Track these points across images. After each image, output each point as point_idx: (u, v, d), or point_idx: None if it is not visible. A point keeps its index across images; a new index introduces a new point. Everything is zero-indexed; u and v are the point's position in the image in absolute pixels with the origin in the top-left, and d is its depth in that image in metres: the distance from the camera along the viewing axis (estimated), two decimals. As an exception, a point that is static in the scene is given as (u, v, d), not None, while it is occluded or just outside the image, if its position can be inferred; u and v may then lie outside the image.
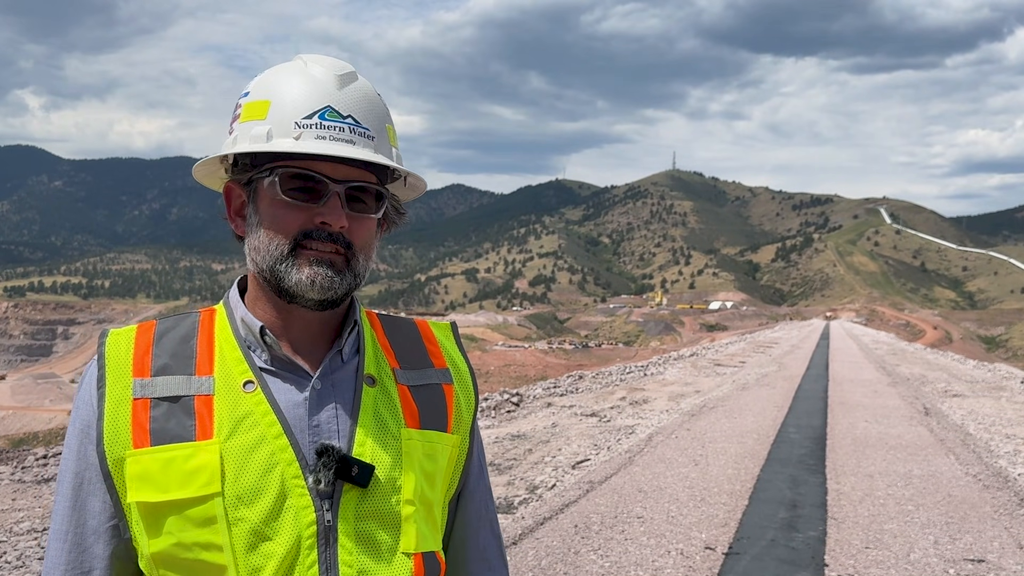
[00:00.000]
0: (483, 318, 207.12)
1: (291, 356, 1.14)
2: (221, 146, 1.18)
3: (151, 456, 1.07)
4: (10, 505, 6.74)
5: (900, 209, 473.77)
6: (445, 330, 1.32)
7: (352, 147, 1.10)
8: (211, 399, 1.09)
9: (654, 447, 9.39)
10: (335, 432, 1.11)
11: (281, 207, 1.10)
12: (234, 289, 1.21)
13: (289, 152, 1.09)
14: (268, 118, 1.11)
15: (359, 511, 1.09)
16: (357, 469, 1.08)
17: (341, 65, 1.16)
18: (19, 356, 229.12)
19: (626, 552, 5.50)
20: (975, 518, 6.53)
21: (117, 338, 1.15)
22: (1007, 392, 16.64)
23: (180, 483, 1.05)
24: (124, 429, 1.08)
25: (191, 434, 1.07)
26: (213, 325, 1.17)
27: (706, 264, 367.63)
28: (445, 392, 1.23)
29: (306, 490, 1.07)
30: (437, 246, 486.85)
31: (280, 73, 1.15)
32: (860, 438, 10.43)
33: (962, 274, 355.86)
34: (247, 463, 1.06)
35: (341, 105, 1.12)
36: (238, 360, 1.13)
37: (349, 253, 1.12)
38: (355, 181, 1.12)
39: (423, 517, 1.15)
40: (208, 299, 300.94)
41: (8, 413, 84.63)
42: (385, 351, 1.23)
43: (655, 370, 21.58)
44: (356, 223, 1.12)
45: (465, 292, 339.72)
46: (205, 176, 1.24)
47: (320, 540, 1.07)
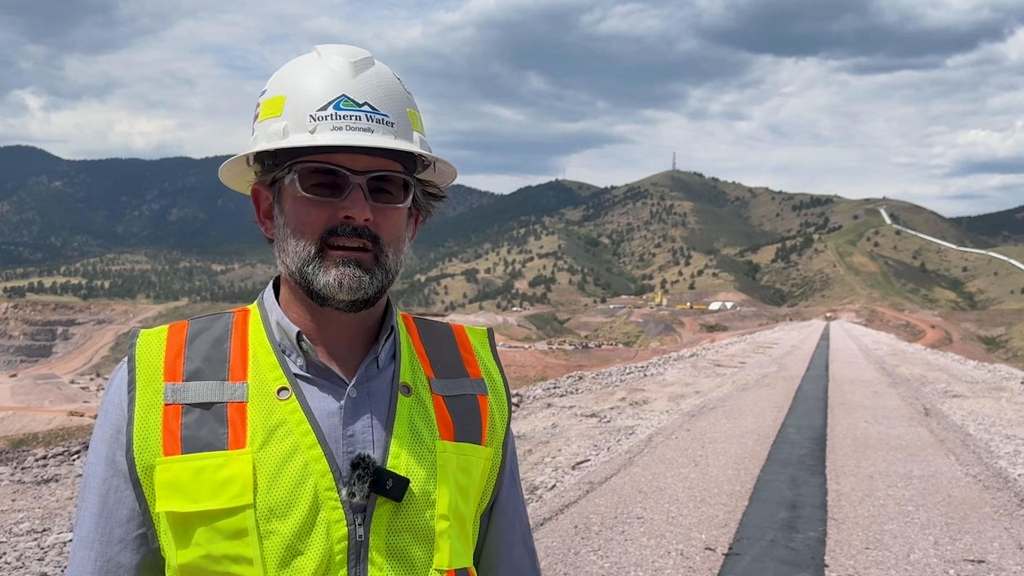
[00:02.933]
0: (483, 319, 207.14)
1: (326, 362, 1.10)
2: (244, 148, 1.14)
3: (182, 464, 1.03)
4: (10, 506, 6.74)
5: (900, 209, 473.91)
6: (481, 337, 1.28)
7: (370, 135, 1.05)
8: (244, 406, 1.06)
9: (654, 448, 9.39)
10: (370, 443, 1.07)
11: (304, 205, 1.06)
12: (269, 290, 1.16)
13: (306, 147, 1.05)
14: (283, 114, 1.07)
15: (392, 526, 1.06)
16: (392, 482, 1.04)
17: (356, 52, 1.11)
18: (19, 356, 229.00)
19: (626, 553, 5.50)
20: (975, 519, 6.52)
21: (148, 339, 1.11)
22: (1007, 393, 16.63)
23: (211, 493, 1.02)
24: (154, 435, 1.05)
25: (223, 443, 1.04)
26: (247, 327, 1.13)
27: (706, 264, 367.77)
28: (480, 403, 1.19)
29: (339, 503, 1.03)
30: (437, 246, 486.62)
31: (295, 66, 1.11)
32: (860, 439, 10.43)
33: (962, 274, 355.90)
34: (280, 474, 1.03)
35: (356, 93, 1.07)
36: (273, 365, 1.09)
37: (377, 248, 1.07)
38: (377, 171, 1.06)
39: (457, 533, 1.12)
40: (208, 300, 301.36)
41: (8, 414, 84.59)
42: (421, 358, 1.18)
43: (655, 371, 21.57)
44: (382, 215, 1.07)
45: (465, 292, 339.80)
46: (232, 179, 1.19)
47: (351, 555, 1.03)
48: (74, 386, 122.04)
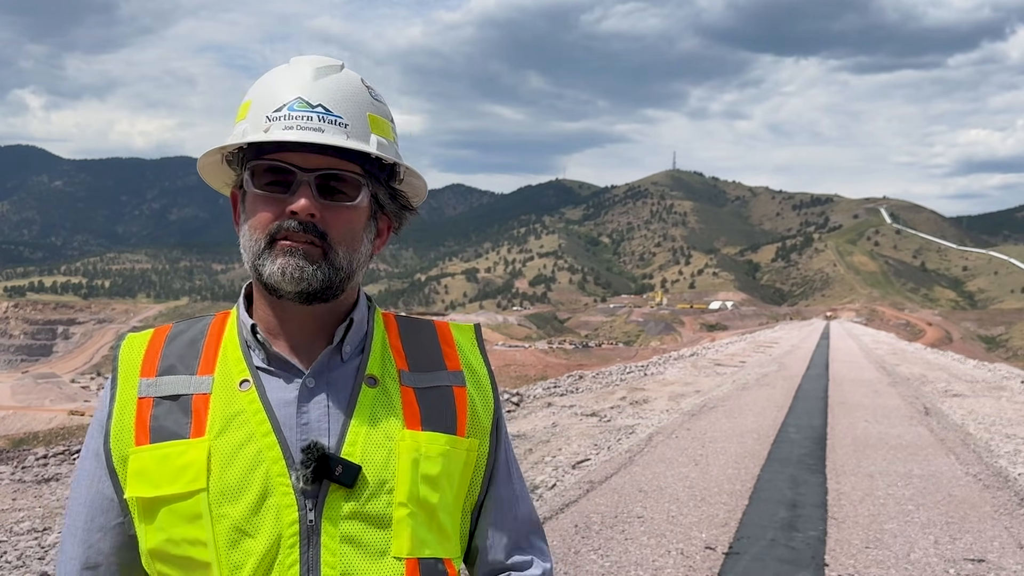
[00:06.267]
0: (483, 318, 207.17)
1: (285, 354, 1.14)
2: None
3: (149, 453, 1.09)
4: (10, 505, 6.74)
5: (900, 209, 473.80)
6: (467, 332, 1.30)
7: (319, 134, 1.08)
8: (208, 398, 1.11)
9: (654, 447, 9.39)
10: (325, 431, 1.10)
11: (258, 201, 1.11)
12: (242, 291, 1.22)
13: (259, 145, 1.09)
14: (248, 117, 1.13)
15: (345, 511, 1.08)
16: (341, 468, 1.07)
17: (325, 60, 1.15)
18: (19, 356, 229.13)
19: (626, 552, 5.50)
20: (975, 518, 6.53)
21: (132, 341, 1.19)
22: (1007, 392, 16.63)
23: (171, 479, 1.08)
24: (128, 427, 1.12)
25: (186, 431, 1.09)
26: (224, 327, 1.20)
27: (706, 264, 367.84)
28: (455, 394, 1.21)
29: (290, 488, 1.07)
30: (437, 246, 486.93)
31: (269, 74, 1.16)
32: (860, 438, 10.43)
33: (962, 274, 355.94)
34: (233, 460, 1.07)
35: (312, 95, 1.10)
36: (238, 359, 1.14)
37: (325, 245, 1.10)
38: (326, 168, 1.10)
39: (421, 521, 1.12)
40: (208, 299, 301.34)
41: (8, 413, 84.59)
42: (395, 352, 1.21)
43: (655, 370, 21.58)
44: (331, 212, 1.10)
45: (465, 292, 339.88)
46: (223, 187, 1.24)
47: (302, 539, 1.06)
48: (74, 385, 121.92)
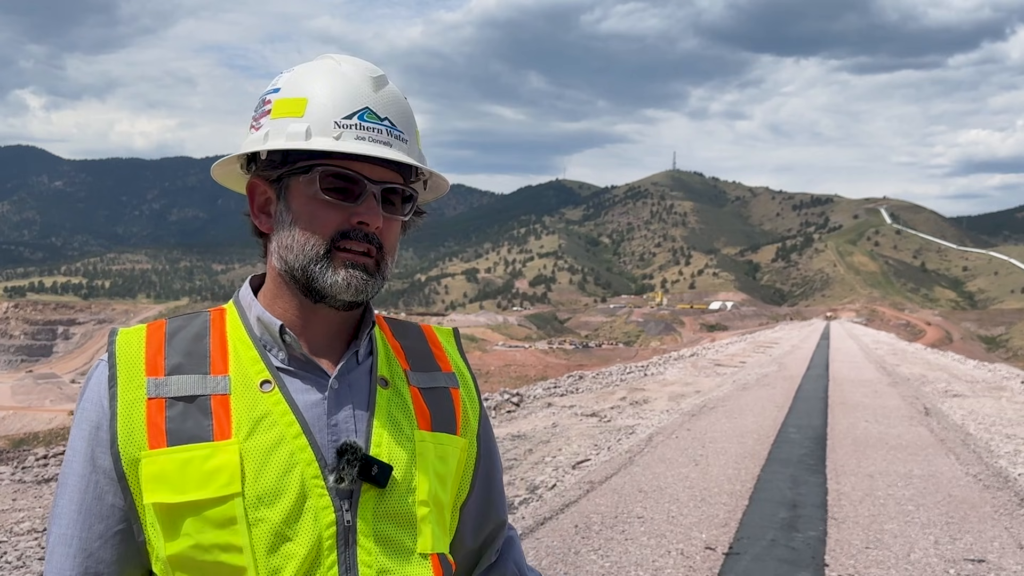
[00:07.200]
0: (483, 318, 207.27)
1: (309, 356, 1.14)
2: (243, 143, 1.17)
3: (168, 457, 1.05)
4: (10, 505, 6.75)
5: (900, 209, 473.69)
6: (448, 336, 1.34)
7: (389, 149, 1.11)
8: (227, 399, 1.09)
9: (654, 447, 9.40)
10: (352, 432, 1.11)
11: (319, 206, 1.11)
12: (246, 288, 1.20)
13: (328, 151, 1.09)
14: (306, 116, 1.11)
15: (377, 511, 1.09)
16: (377, 468, 1.08)
17: (373, 67, 1.17)
18: (19, 356, 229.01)
19: (626, 552, 5.50)
20: (975, 518, 6.53)
21: (128, 337, 1.14)
22: (1007, 392, 16.64)
23: (199, 484, 1.04)
24: (139, 429, 1.07)
25: (209, 434, 1.06)
26: (225, 324, 1.17)
27: (706, 264, 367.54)
28: (452, 396, 1.25)
29: (326, 490, 1.07)
30: (437, 246, 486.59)
31: (314, 71, 1.15)
32: (860, 438, 10.43)
33: (962, 274, 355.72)
34: (267, 463, 1.06)
35: (378, 107, 1.13)
36: (254, 360, 1.12)
37: (379, 255, 1.13)
38: (389, 182, 1.13)
39: (436, 519, 1.16)
40: (208, 299, 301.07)
41: (8, 413, 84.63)
42: (396, 353, 1.23)
43: (655, 370, 21.59)
44: (387, 224, 1.14)
45: (465, 292, 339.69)
46: (222, 175, 1.23)
47: (340, 540, 1.06)
48: (75, 386, 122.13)
